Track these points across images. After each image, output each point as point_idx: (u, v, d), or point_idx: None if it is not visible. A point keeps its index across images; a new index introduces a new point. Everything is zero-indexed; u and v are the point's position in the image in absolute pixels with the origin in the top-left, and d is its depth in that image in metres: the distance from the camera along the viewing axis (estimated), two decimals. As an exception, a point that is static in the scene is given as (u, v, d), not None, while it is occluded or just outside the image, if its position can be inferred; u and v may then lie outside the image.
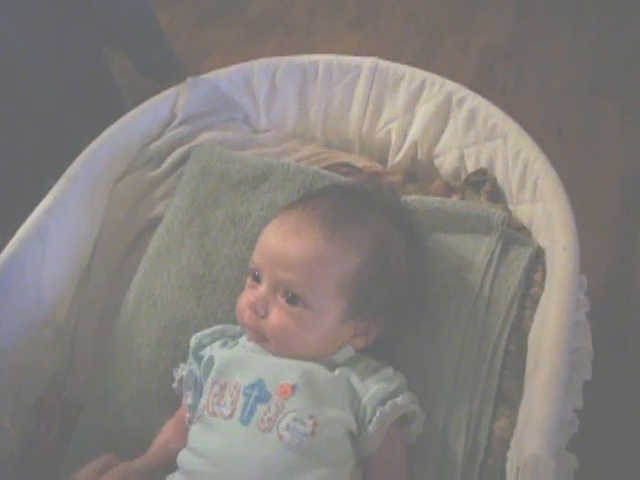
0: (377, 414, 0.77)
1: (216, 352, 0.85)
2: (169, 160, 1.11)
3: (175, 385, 0.90)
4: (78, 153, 1.04)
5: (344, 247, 0.82)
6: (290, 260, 0.80)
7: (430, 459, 0.83)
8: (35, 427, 0.94)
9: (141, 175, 1.10)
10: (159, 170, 1.10)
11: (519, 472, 0.72)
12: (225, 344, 0.87)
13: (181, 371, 0.89)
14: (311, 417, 0.75)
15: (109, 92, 1.70)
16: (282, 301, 0.81)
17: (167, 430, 0.87)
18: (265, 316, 0.81)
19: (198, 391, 0.86)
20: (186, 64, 1.89)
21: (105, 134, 1.06)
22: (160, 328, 0.95)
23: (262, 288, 0.82)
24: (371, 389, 0.79)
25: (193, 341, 0.89)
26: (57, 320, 0.99)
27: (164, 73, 1.82)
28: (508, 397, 0.87)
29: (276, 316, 0.80)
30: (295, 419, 0.75)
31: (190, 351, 0.88)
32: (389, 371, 0.83)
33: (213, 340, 0.88)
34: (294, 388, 0.77)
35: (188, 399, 0.86)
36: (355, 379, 0.80)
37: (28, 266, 0.94)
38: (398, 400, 0.79)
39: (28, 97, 1.45)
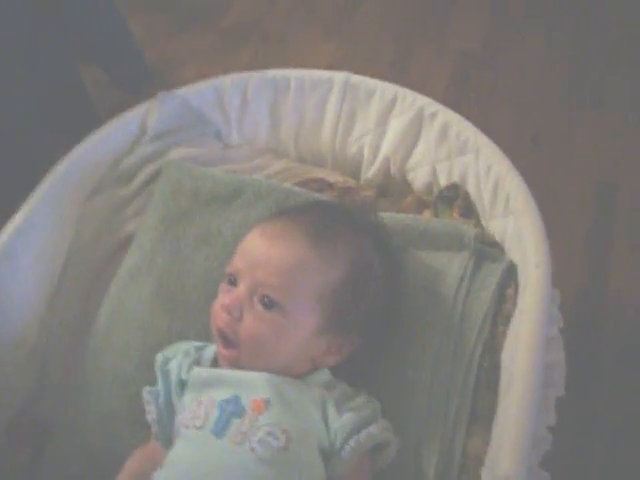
0: (351, 443, 0.76)
1: (186, 372, 0.84)
2: (140, 177, 1.10)
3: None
4: (49, 167, 1.03)
5: (328, 258, 0.82)
6: (272, 263, 0.80)
7: (404, 476, 0.83)
8: (6, 449, 0.92)
9: (112, 193, 1.09)
10: (130, 188, 1.09)
11: (492, 492, 0.72)
12: (187, 354, 0.86)
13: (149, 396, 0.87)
14: (284, 432, 0.75)
15: (82, 103, 1.69)
16: (258, 306, 0.80)
17: (135, 458, 0.86)
18: (240, 319, 0.80)
19: (164, 406, 0.84)
20: (160, 73, 1.88)
21: (74, 152, 1.05)
22: (132, 348, 0.95)
23: (239, 290, 0.81)
24: (344, 416, 0.78)
25: (159, 358, 0.88)
26: (28, 341, 0.98)
27: (137, 85, 1.81)
28: (482, 415, 0.87)
29: (251, 321, 0.80)
30: (268, 433, 0.75)
31: (157, 368, 0.87)
32: (363, 398, 0.82)
33: (177, 352, 0.87)
34: (267, 403, 0.77)
35: (152, 414, 0.85)
36: (330, 402, 0.79)
37: (-1, 287, 0.93)
38: (372, 429, 0.78)
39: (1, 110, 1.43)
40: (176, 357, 0.86)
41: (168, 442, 0.83)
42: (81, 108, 1.68)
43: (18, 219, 0.97)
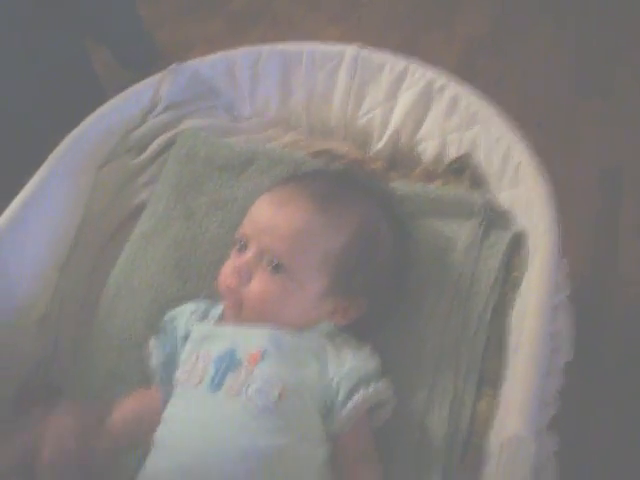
0: (356, 397, 0.77)
1: (191, 326, 0.86)
2: (152, 147, 1.10)
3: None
4: (58, 143, 1.03)
5: (334, 222, 0.83)
6: (280, 229, 0.81)
7: (412, 439, 0.84)
8: (18, 413, 0.93)
9: (124, 162, 1.09)
10: (142, 157, 1.10)
11: (500, 451, 0.72)
12: (194, 312, 0.87)
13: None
14: (280, 381, 0.76)
15: (90, 84, 1.70)
16: (266, 269, 0.81)
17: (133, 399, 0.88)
18: (248, 281, 0.82)
19: (170, 355, 0.86)
20: (168, 56, 1.88)
21: (87, 121, 1.06)
22: (142, 311, 0.96)
23: (249, 254, 0.82)
24: (346, 366, 0.79)
25: (167, 316, 0.89)
26: (40, 307, 0.98)
27: (145, 65, 1.81)
28: (490, 378, 0.87)
29: (258, 283, 0.81)
30: (264, 383, 0.76)
31: (163, 325, 0.88)
32: (366, 350, 0.83)
33: (185, 311, 0.89)
34: (263, 354, 0.78)
35: (159, 358, 0.86)
36: (331, 351, 0.80)
37: (10, 253, 0.94)
38: (377, 386, 0.79)
39: (6, 87, 1.44)
40: (183, 315, 0.88)
41: (166, 392, 0.84)
42: (89, 90, 1.68)
43: (30, 187, 0.97)
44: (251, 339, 0.80)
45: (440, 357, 0.88)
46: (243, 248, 0.84)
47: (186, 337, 0.85)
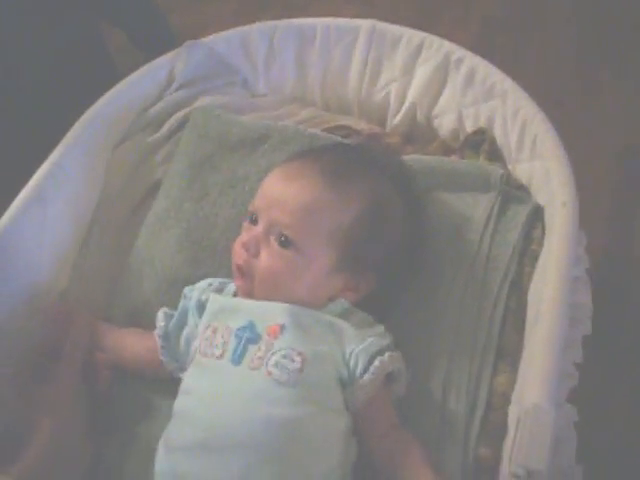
0: (376, 362, 0.77)
1: (209, 296, 0.86)
2: (168, 124, 1.10)
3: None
4: (73, 123, 1.03)
5: (342, 197, 0.83)
6: (289, 203, 0.81)
7: (431, 415, 0.84)
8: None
9: (140, 140, 1.09)
10: (158, 135, 1.10)
11: (519, 422, 0.72)
12: (211, 284, 0.88)
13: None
14: (300, 354, 0.76)
15: (105, 66, 1.69)
16: (274, 244, 0.81)
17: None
18: (256, 255, 0.82)
19: (173, 327, 0.87)
20: (182, 38, 1.88)
21: (103, 99, 1.06)
22: (161, 292, 0.96)
23: (258, 228, 0.83)
24: (366, 340, 0.79)
25: (187, 289, 0.90)
26: (59, 284, 0.99)
27: (160, 47, 1.80)
28: (508, 353, 0.87)
29: (267, 257, 0.81)
30: (284, 356, 0.76)
31: (182, 298, 0.89)
32: (381, 328, 0.83)
33: (201, 285, 0.89)
34: (283, 328, 0.78)
35: (159, 330, 0.87)
36: (349, 328, 0.80)
37: (29, 231, 0.93)
38: (392, 354, 0.79)
39: (22, 69, 1.44)
40: (200, 287, 0.88)
41: (171, 360, 0.86)
42: (104, 73, 1.68)
43: (48, 164, 0.97)
44: (269, 313, 0.80)
45: (457, 333, 0.88)
46: (254, 222, 0.84)
47: (199, 307, 0.86)
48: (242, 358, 0.78)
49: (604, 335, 0.93)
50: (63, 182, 0.98)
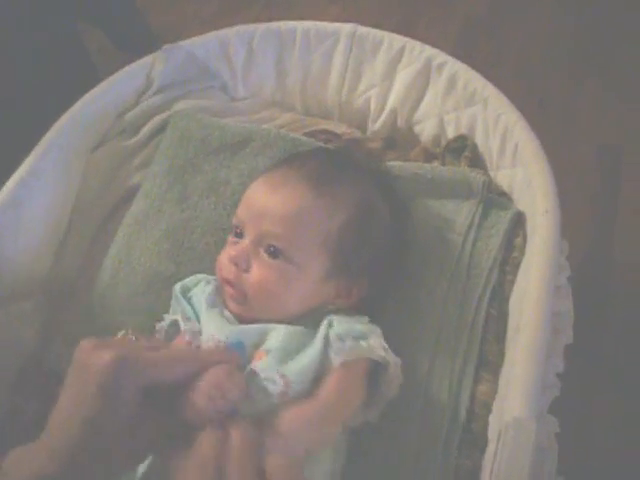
0: (334, 346, 0.75)
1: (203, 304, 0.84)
2: (146, 129, 1.09)
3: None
4: (50, 126, 1.02)
5: (329, 203, 0.81)
6: (275, 213, 0.80)
7: (411, 424, 0.83)
8: (15, 403, 0.92)
9: (117, 145, 1.08)
10: (135, 139, 1.08)
11: (501, 435, 0.71)
12: (209, 282, 0.86)
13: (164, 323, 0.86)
14: (282, 377, 0.74)
15: (83, 66, 1.67)
16: (264, 255, 0.80)
17: None
18: (247, 270, 0.80)
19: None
20: (162, 38, 1.86)
21: (79, 103, 1.04)
22: (138, 295, 0.95)
23: (245, 242, 0.81)
24: (343, 326, 0.78)
25: (177, 288, 0.87)
26: (35, 291, 0.97)
27: (140, 46, 1.78)
28: (490, 361, 0.87)
29: (257, 270, 0.80)
30: (266, 379, 0.74)
31: (174, 297, 0.87)
32: (364, 318, 0.82)
33: (197, 282, 0.88)
34: (268, 352, 0.76)
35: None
36: (333, 319, 0.79)
37: (2, 237, 0.92)
38: (362, 342, 0.77)
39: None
40: (199, 285, 0.87)
41: None
42: (83, 73, 1.66)
43: (22, 169, 0.96)
44: (258, 336, 0.78)
45: (438, 341, 0.87)
46: (239, 235, 0.83)
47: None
48: None
49: (585, 343, 0.92)
50: (38, 187, 0.97)
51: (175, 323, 0.84)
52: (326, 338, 0.77)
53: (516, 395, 0.73)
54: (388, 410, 0.81)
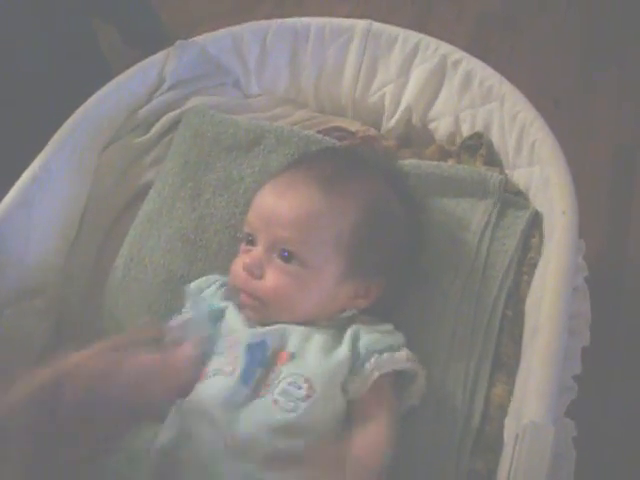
0: (372, 359, 0.76)
1: (219, 298, 0.84)
2: (158, 126, 1.08)
3: None
4: (63, 122, 1.02)
5: (340, 203, 0.81)
6: (284, 217, 0.79)
7: (425, 426, 0.82)
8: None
9: (130, 141, 1.07)
10: (148, 136, 1.08)
11: (518, 439, 0.70)
12: (222, 286, 0.86)
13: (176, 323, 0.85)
14: (306, 381, 0.74)
15: (97, 63, 1.67)
16: (277, 260, 0.79)
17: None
18: (261, 277, 0.80)
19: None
20: (174, 35, 1.86)
21: (92, 100, 1.04)
22: (151, 292, 0.94)
23: (258, 249, 0.81)
24: (371, 335, 0.78)
25: (192, 286, 0.87)
26: (46, 290, 0.97)
27: (152, 43, 1.78)
28: (505, 363, 0.86)
29: (272, 276, 0.79)
30: (290, 383, 0.74)
31: (189, 297, 0.86)
32: (389, 326, 0.82)
33: (210, 283, 0.87)
34: (292, 356, 0.76)
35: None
36: (360, 329, 0.79)
37: (14, 235, 0.93)
38: (397, 355, 0.77)
39: (12, 65, 1.42)
40: (211, 287, 0.87)
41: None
42: (96, 70, 1.66)
43: (34, 167, 0.96)
44: (282, 338, 0.78)
45: (452, 341, 0.87)
46: (252, 243, 0.82)
47: (217, 311, 0.83)
48: (250, 381, 0.74)
49: (600, 344, 0.91)
50: (50, 184, 0.97)
51: (188, 323, 0.83)
52: (355, 348, 0.77)
53: (533, 398, 0.73)
54: (401, 412, 0.81)
